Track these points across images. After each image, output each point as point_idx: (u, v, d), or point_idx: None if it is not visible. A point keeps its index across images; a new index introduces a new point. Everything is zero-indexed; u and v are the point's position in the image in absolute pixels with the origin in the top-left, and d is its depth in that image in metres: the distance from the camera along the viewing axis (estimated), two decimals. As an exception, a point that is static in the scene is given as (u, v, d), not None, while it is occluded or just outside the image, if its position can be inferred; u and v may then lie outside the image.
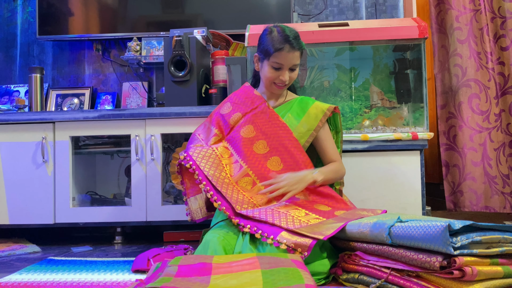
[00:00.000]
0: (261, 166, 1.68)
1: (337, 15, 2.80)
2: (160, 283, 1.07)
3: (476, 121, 2.38)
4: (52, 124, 2.27)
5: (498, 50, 2.42)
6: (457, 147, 2.40)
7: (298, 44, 1.71)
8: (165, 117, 2.21)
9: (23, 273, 1.61)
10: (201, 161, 1.65)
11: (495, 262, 1.11)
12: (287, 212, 1.50)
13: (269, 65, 1.72)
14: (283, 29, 1.72)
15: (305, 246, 1.31)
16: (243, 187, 1.65)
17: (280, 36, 1.70)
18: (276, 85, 1.76)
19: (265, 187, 1.63)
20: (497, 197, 2.33)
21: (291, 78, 1.75)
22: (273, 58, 1.70)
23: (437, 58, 2.48)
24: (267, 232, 1.40)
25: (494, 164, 2.33)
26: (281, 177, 1.62)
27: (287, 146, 1.70)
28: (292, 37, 1.70)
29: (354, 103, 2.32)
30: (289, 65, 1.72)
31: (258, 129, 1.74)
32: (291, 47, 1.68)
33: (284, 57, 1.69)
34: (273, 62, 1.71)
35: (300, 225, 1.42)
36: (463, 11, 2.43)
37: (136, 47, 2.74)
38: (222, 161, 1.70)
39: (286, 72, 1.73)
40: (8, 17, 2.98)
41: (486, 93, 2.38)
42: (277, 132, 1.73)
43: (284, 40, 1.68)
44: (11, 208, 2.25)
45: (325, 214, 1.53)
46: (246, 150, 1.71)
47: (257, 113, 1.77)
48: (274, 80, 1.74)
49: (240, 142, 1.72)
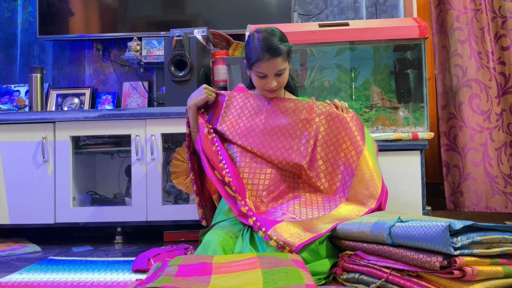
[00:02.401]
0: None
1: (337, 15, 2.80)
2: (160, 283, 1.07)
3: (477, 121, 2.38)
4: (53, 124, 2.27)
5: (499, 49, 2.42)
6: (457, 147, 2.40)
7: (280, 50, 1.63)
8: (165, 117, 2.21)
9: (24, 272, 1.61)
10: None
11: (495, 262, 1.11)
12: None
13: (254, 74, 1.70)
14: (264, 36, 1.64)
15: (293, 246, 1.34)
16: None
17: (260, 45, 1.63)
18: (267, 91, 1.74)
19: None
20: (498, 197, 2.32)
21: (280, 83, 1.71)
22: (255, 67, 1.67)
23: (437, 59, 2.48)
24: (260, 222, 1.43)
25: (495, 164, 2.33)
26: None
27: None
28: (274, 44, 1.62)
29: (355, 103, 2.32)
30: (273, 72, 1.67)
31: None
32: (271, 55, 1.62)
33: (265, 66, 1.65)
34: (256, 71, 1.68)
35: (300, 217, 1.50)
36: (464, 11, 2.43)
37: (137, 47, 2.74)
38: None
39: (272, 79, 1.68)
40: (8, 17, 2.98)
41: (487, 92, 2.38)
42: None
43: (263, 49, 1.62)
44: (12, 208, 2.25)
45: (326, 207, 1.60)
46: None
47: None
48: (262, 87, 1.72)
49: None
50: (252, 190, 1.64)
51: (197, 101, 1.76)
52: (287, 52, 1.67)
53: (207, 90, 1.76)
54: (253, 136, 1.71)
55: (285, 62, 1.68)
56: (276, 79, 1.69)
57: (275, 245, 1.36)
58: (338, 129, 1.71)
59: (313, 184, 1.70)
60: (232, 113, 1.76)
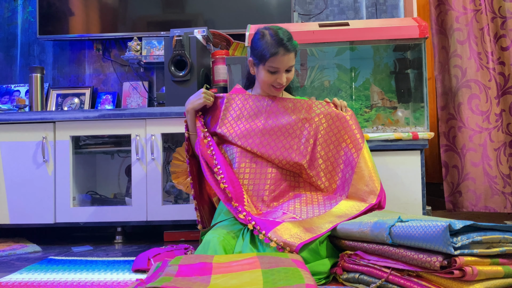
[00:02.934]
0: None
1: (337, 15, 2.80)
2: (161, 283, 1.07)
3: (476, 121, 2.37)
4: (53, 123, 2.27)
5: (499, 50, 2.42)
6: (456, 148, 2.40)
7: (292, 45, 1.69)
8: (165, 116, 2.21)
9: (24, 272, 1.61)
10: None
11: (495, 262, 1.11)
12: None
13: (265, 69, 1.71)
14: (276, 32, 1.70)
15: (293, 246, 1.35)
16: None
17: (274, 40, 1.68)
18: (274, 88, 1.75)
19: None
20: (497, 197, 2.32)
21: (288, 79, 1.75)
22: (269, 62, 1.69)
23: (437, 59, 2.48)
24: (260, 225, 1.43)
25: (494, 164, 2.33)
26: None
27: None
28: (286, 39, 1.68)
29: (355, 103, 2.32)
30: (285, 67, 1.71)
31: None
32: (285, 50, 1.67)
33: (279, 61, 1.68)
34: (269, 66, 1.70)
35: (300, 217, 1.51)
36: (463, 12, 2.42)
37: (137, 47, 2.74)
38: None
39: (283, 74, 1.72)
40: (8, 17, 2.98)
41: (487, 93, 2.38)
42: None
43: (278, 44, 1.67)
44: (12, 208, 2.25)
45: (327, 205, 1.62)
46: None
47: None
48: (272, 83, 1.74)
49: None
50: (253, 190, 1.65)
51: (195, 105, 1.77)
52: (297, 50, 1.73)
53: (206, 94, 1.77)
54: (253, 136, 1.72)
55: (294, 59, 1.73)
56: (286, 75, 1.73)
57: (275, 246, 1.36)
58: (338, 128, 1.72)
59: (313, 183, 1.71)
60: (232, 115, 1.77)
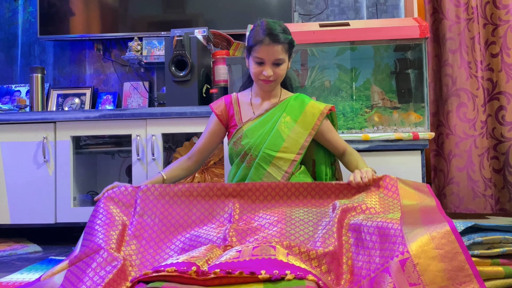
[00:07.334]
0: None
1: (338, 15, 2.80)
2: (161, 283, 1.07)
3: (463, 129, 2.45)
4: (53, 124, 2.28)
5: (489, 56, 2.47)
6: (443, 153, 2.49)
7: (280, 37, 1.61)
8: (166, 117, 2.21)
9: (24, 272, 1.61)
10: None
11: (496, 263, 1.11)
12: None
13: (252, 60, 1.67)
14: (267, 22, 1.64)
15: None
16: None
17: (261, 29, 1.63)
18: (262, 81, 1.69)
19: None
20: (478, 199, 2.41)
21: (276, 74, 1.67)
22: (254, 52, 1.64)
23: (430, 67, 2.54)
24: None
25: (477, 169, 2.42)
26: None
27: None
28: (276, 30, 1.61)
29: (355, 103, 2.32)
30: (270, 59, 1.63)
31: None
32: (271, 40, 1.60)
33: (264, 50, 1.61)
34: (254, 56, 1.65)
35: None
36: (456, 21, 2.46)
37: (137, 47, 2.74)
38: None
39: (268, 66, 1.65)
40: (9, 17, 2.99)
41: (474, 101, 2.44)
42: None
43: (264, 33, 1.61)
44: (12, 208, 2.25)
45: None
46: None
47: None
48: (258, 76, 1.67)
49: None
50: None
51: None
52: (288, 44, 1.66)
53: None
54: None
55: (285, 54, 1.66)
56: (273, 68, 1.66)
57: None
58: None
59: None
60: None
